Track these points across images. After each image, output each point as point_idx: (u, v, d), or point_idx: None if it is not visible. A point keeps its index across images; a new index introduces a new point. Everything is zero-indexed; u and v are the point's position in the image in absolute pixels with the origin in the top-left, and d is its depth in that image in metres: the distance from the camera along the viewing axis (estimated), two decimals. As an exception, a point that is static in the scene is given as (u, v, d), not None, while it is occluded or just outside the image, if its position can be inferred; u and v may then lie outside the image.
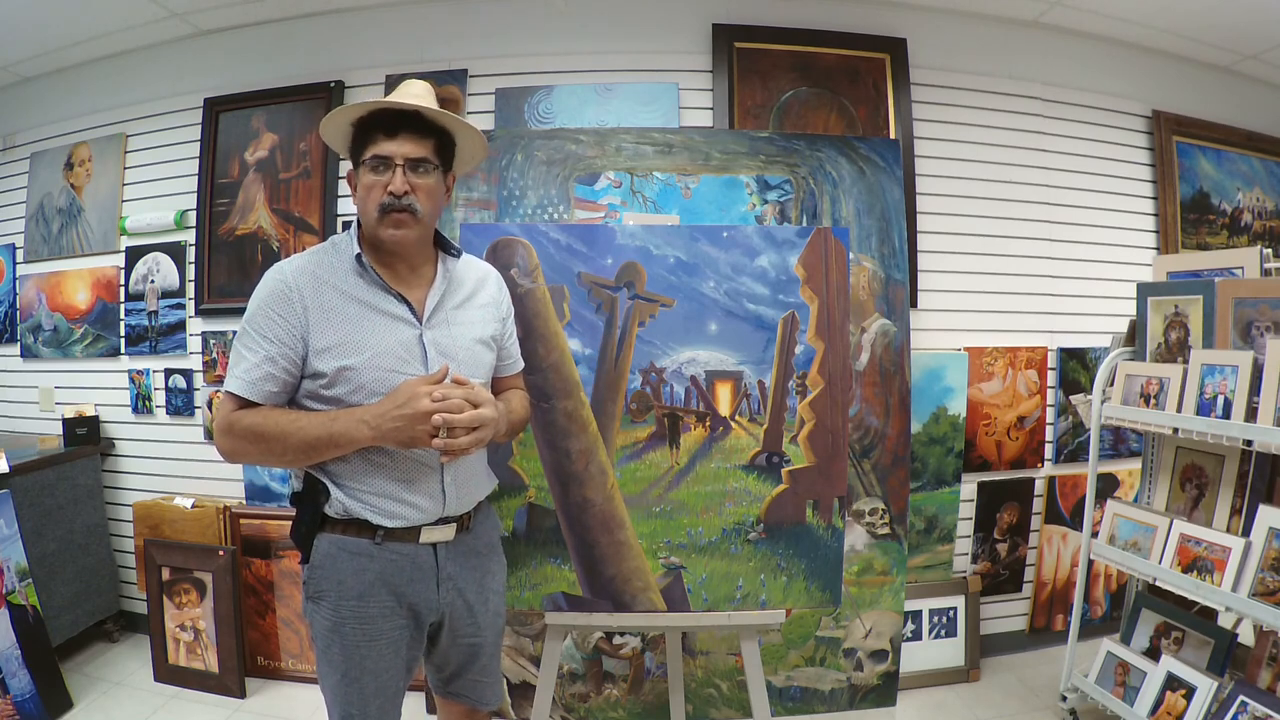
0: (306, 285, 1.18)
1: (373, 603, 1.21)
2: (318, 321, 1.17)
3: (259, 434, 1.15)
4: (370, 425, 1.13)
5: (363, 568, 1.21)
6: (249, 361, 1.16)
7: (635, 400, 1.61)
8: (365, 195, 1.20)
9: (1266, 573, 1.66)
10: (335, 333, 1.17)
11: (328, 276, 1.20)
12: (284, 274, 1.19)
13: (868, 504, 2.29)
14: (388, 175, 1.18)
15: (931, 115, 2.59)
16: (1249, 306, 1.81)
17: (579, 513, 1.60)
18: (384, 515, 1.21)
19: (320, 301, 1.18)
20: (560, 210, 2.27)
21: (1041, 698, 2.39)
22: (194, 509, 2.59)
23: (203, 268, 2.70)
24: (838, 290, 1.65)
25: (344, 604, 1.21)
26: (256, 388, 1.16)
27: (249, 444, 1.17)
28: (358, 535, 1.21)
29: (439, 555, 1.27)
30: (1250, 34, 2.63)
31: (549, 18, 2.52)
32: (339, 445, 1.15)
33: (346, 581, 1.21)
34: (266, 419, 1.16)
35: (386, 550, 1.22)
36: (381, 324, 1.21)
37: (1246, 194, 2.98)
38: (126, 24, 2.62)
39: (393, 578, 1.22)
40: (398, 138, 1.19)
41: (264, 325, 1.16)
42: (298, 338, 1.16)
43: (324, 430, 1.14)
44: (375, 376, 1.18)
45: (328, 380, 1.17)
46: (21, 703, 2.14)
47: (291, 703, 2.41)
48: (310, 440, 1.14)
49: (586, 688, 2.28)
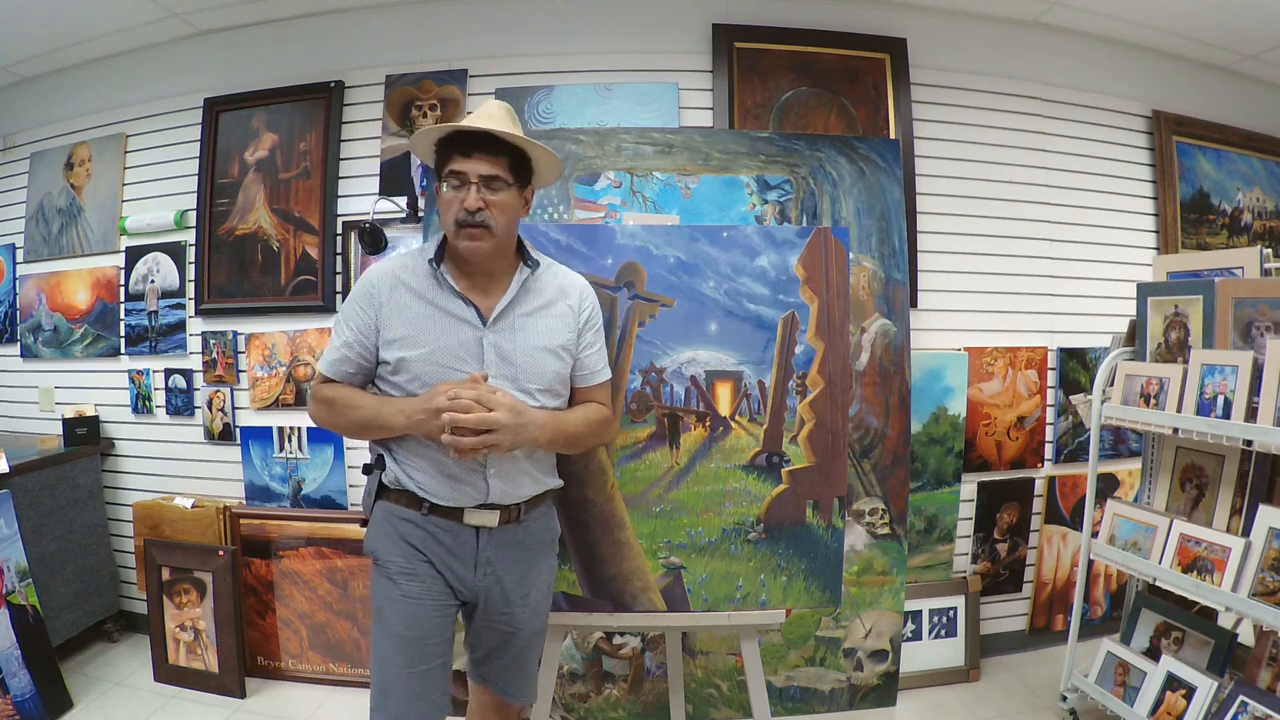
0: (385, 284, 1.34)
1: (418, 562, 1.34)
2: (388, 316, 1.32)
3: (330, 405, 1.36)
4: (404, 415, 1.28)
5: (409, 531, 1.34)
6: (333, 345, 1.37)
7: (635, 400, 1.61)
8: (445, 209, 1.30)
9: (1266, 573, 1.66)
10: (402, 327, 1.32)
11: (405, 278, 1.35)
12: (371, 274, 1.37)
13: (868, 504, 2.29)
14: (464, 192, 1.28)
15: (931, 115, 2.59)
16: (1249, 306, 1.81)
17: (579, 512, 1.60)
18: (425, 490, 1.33)
19: (393, 299, 1.33)
20: (560, 210, 2.27)
21: (1041, 698, 2.39)
22: (194, 509, 2.58)
23: (203, 268, 2.70)
24: (838, 290, 1.65)
25: (394, 560, 1.34)
26: (335, 368, 1.36)
27: (324, 412, 1.38)
28: (407, 505, 1.35)
29: (480, 539, 1.36)
30: (1250, 34, 2.63)
31: (549, 18, 2.52)
32: (383, 428, 1.32)
33: (396, 542, 1.35)
34: (338, 394, 1.36)
35: (431, 522, 1.34)
36: (445, 324, 1.32)
37: (1246, 194, 2.98)
38: (126, 24, 2.62)
39: (435, 548, 1.34)
40: (472, 157, 1.28)
41: (349, 316, 1.35)
42: (372, 329, 1.33)
43: (373, 413, 1.32)
44: (430, 370, 1.30)
45: (391, 367, 1.32)
46: (21, 703, 2.14)
47: (291, 703, 2.41)
48: (363, 419, 1.33)
49: (586, 688, 2.28)
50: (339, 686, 2.51)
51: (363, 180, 2.60)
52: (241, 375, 2.70)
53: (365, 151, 2.60)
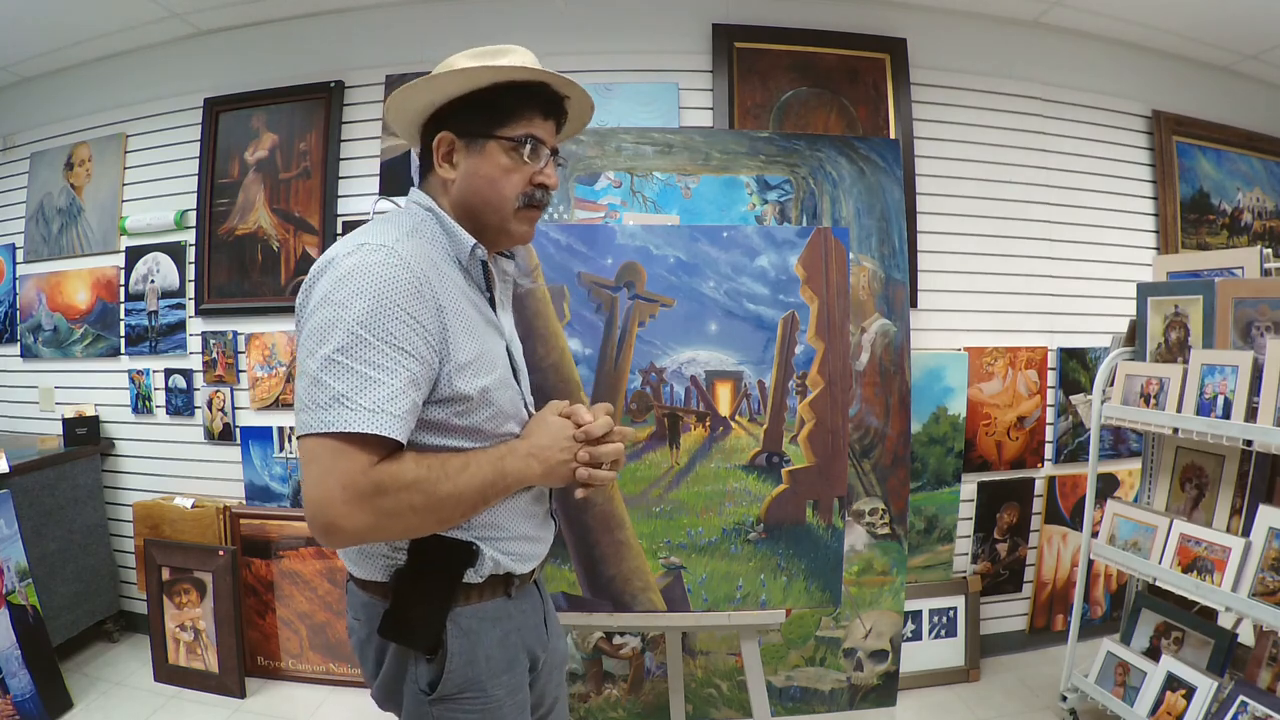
0: (435, 278, 0.89)
1: (519, 670, 1.01)
2: (455, 328, 0.89)
3: (429, 489, 0.84)
4: (539, 460, 0.95)
5: (506, 634, 0.99)
6: (389, 387, 0.80)
7: (635, 400, 1.61)
8: (499, 178, 0.95)
9: (1266, 573, 1.66)
10: (473, 345, 0.92)
11: (451, 274, 0.94)
12: (404, 259, 0.85)
13: (868, 504, 2.29)
14: (540, 162, 0.98)
15: (931, 115, 2.59)
16: (1249, 306, 1.81)
17: (579, 512, 1.60)
18: (522, 559, 1.00)
19: (452, 302, 0.90)
20: (560, 210, 2.27)
21: (1041, 698, 2.39)
22: (194, 509, 2.59)
23: (203, 268, 2.70)
24: (838, 290, 1.65)
25: (495, 682, 0.96)
26: (405, 424, 0.82)
27: (413, 504, 0.83)
28: (494, 596, 0.98)
29: (541, 591, 1.13)
30: (1250, 34, 2.63)
31: (549, 18, 2.52)
32: (509, 489, 0.94)
33: (494, 656, 0.97)
34: (430, 467, 0.85)
35: (519, 602, 1.02)
36: (493, 335, 1.00)
37: (1246, 194, 2.98)
38: (126, 24, 2.62)
39: (527, 633, 1.04)
40: (549, 121, 0.99)
41: (397, 332, 0.82)
42: (435, 351, 0.86)
43: (496, 475, 0.91)
44: (508, 397, 0.98)
45: (471, 404, 0.91)
46: (21, 703, 2.14)
47: (291, 703, 2.41)
48: (484, 488, 0.90)
49: (586, 688, 2.28)
50: (339, 686, 2.51)
51: (363, 180, 2.60)
52: (241, 375, 2.70)
53: (365, 151, 2.60)
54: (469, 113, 0.96)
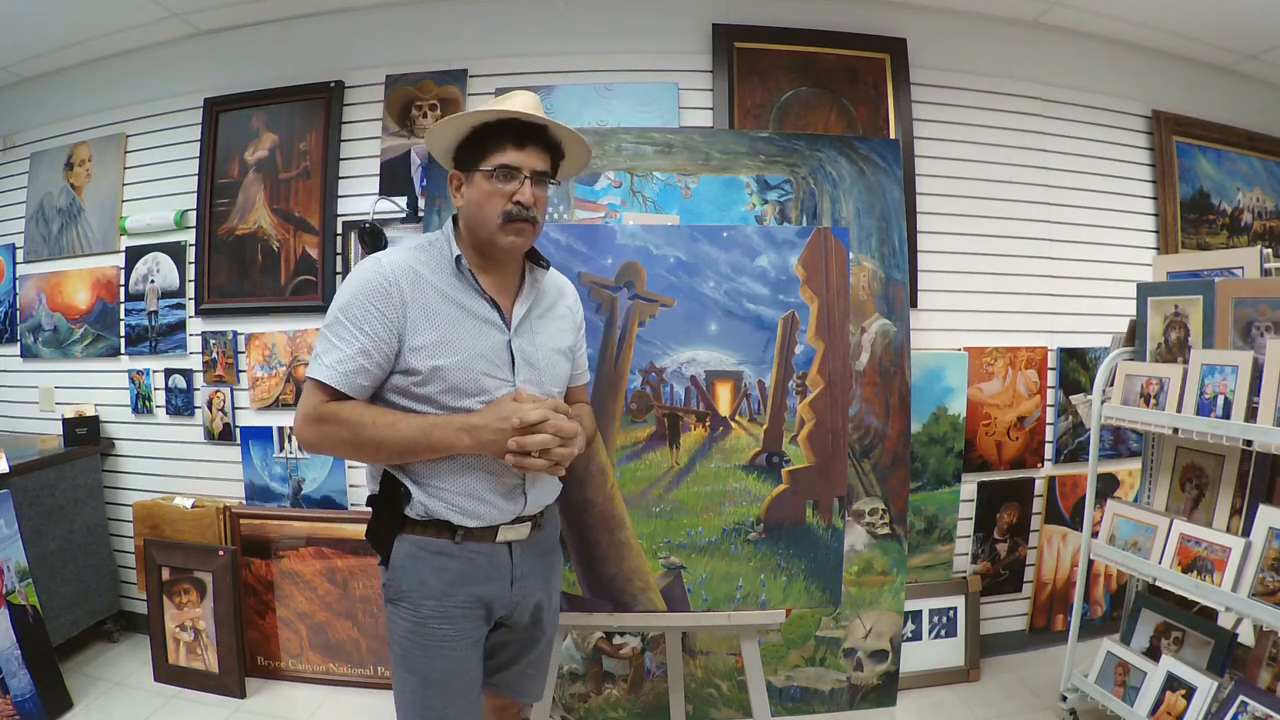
0: (406, 281, 1.18)
1: (453, 601, 1.23)
2: (416, 319, 1.18)
3: (355, 429, 1.14)
4: (470, 434, 1.16)
5: (443, 566, 1.22)
6: (342, 352, 1.15)
7: (635, 400, 1.61)
8: (484, 201, 1.20)
9: (1266, 573, 1.66)
10: (433, 331, 1.18)
11: (428, 275, 1.21)
12: (383, 267, 1.18)
13: (868, 504, 2.29)
14: (513, 185, 1.19)
15: (931, 115, 2.59)
16: (1249, 306, 1.81)
17: (579, 512, 1.60)
18: (465, 515, 1.22)
19: (420, 299, 1.18)
20: (560, 210, 2.27)
21: (1041, 698, 2.39)
22: (194, 509, 2.59)
23: (203, 268, 2.70)
24: (838, 290, 1.65)
25: (426, 603, 1.22)
26: (349, 380, 1.15)
27: (341, 437, 1.16)
28: (437, 535, 1.22)
29: (514, 554, 1.29)
30: (1250, 34, 2.63)
31: (549, 18, 2.52)
32: (435, 451, 1.17)
33: (428, 581, 1.22)
34: (364, 415, 1.15)
35: (466, 549, 1.23)
36: (475, 327, 1.22)
37: (1246, 194, 2.98)
38: (126, 24, 2.62)
39: (472, 576, 1.24)
40: (526, 149, 1.21)
41: (360, 317, 1.15)
42: (393, 333, 1.16)
43: (422, 436, 1.16)
44: (467, 378, 1.20)
45: (422, 378, 1.18)
46: (21, 703, 2.14)
47: (291, 703, 2.41)
48: (406, 442, 1.16)
49: (586, 688, 2.28)
50: (339, 686, 2.51)
51: (363, 180, 2.60)
52: (241, 375, 2.70)
53: (365, 151, 2.60)
54: (464, 153, 1.25)
